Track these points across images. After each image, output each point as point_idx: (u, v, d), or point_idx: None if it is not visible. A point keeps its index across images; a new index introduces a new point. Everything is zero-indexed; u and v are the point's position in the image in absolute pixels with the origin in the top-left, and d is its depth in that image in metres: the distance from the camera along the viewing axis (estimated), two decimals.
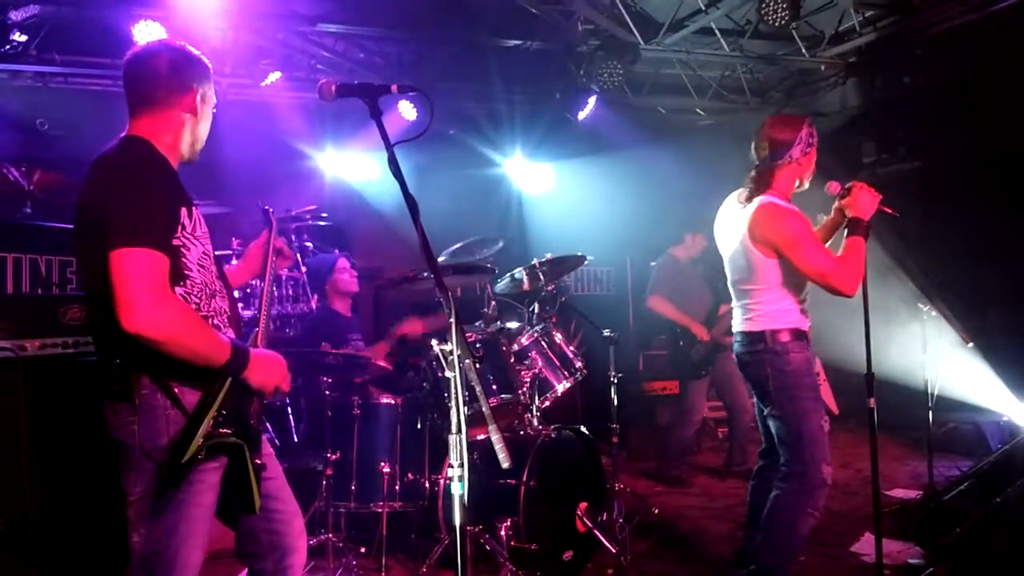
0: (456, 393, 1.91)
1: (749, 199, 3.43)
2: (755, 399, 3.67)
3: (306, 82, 6.64)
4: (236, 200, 5.49)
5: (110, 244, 2.01)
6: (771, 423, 3.53)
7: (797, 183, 3.49)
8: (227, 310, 2.33)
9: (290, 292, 5.78)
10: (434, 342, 1.97)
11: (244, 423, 2.21)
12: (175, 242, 2.13)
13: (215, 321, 2.25)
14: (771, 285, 3.41)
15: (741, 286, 3.53)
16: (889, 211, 3.42)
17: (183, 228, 2.15)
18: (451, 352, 1.93)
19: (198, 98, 2.33)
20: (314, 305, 5.45)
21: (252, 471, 2.22)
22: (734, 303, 3.64)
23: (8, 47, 5.52)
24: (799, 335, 3.43)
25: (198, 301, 2.20)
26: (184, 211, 2.17)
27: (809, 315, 3.50)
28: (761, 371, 3.47)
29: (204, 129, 2.40)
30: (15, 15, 5.29)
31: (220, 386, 2.13)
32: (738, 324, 3.59)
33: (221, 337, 2.16)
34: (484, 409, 1.99)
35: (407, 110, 6.88)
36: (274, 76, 6.30)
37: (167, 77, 2.27)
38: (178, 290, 2.13)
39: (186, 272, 2.17)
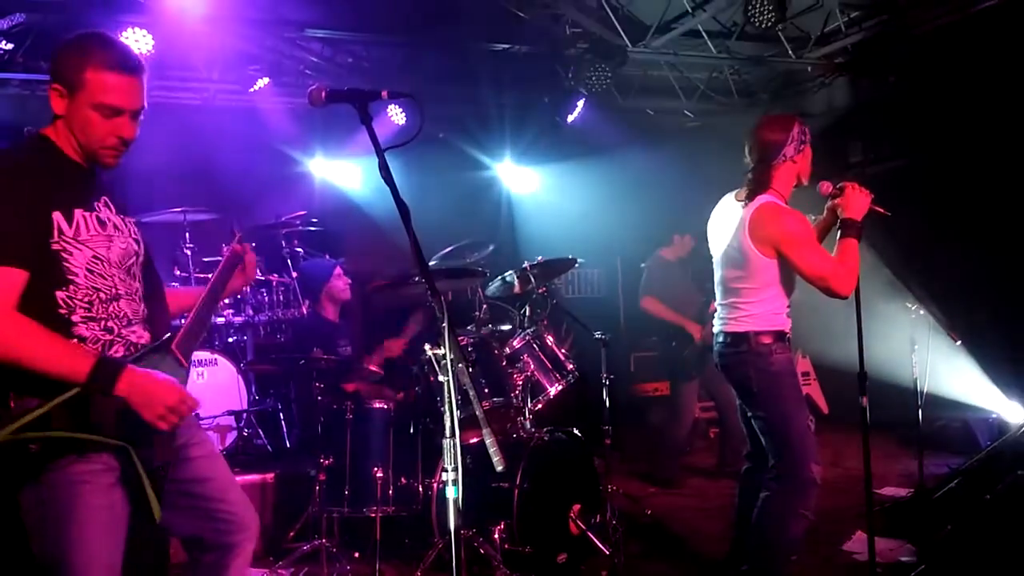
0: (450, 397, 1.92)
1: (750, 198, 3.42)
2: (738, 401, 3.68)
3: (295, 87, 6.63)
4: (226, 206, 5.47)
5: None
6: (756, 424, 3.54)
7: (796, 181, 3.49)
8: (130, 315, 2.26)
9: (280, 298, 5.77)
10: (427, 346, 1.97)
11: (131, 425, 2.06)
12: (54, 247, 2.10)
13: (109, 324, 2.19)
14: (765, 285, 3.41)
15: (733, 284, 3.51)
16: (881, 210, 3.43)
17: (61, 233, 2.11)
18: (444, 356, 1.93)
19: (78, 85, 2.18)
20: (305, 311, 5.44)
21: (143, 476, 2.05)
22: (719, 302, 3.62)
23: None
24: (781, 336, 3.45)
25: (86, 305, 2.15)
26: (59, 215, 2.11)
27: (790, 317, 3.52)
28: (744, 372, 3.48)
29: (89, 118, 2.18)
30: (1, 23, 5.27)
31: (58, 393, 2.00)
32: (721, 324, 3.58)
33: (78, 352, 2.08)
34: (477, 412, 2.00)
35: (396, 115, 6.89)
36: (262, 82, 6.29)
37: (58, 78, 2.23)
38: (59, 294, 2.10)
39: (69, 277, 2.13)
